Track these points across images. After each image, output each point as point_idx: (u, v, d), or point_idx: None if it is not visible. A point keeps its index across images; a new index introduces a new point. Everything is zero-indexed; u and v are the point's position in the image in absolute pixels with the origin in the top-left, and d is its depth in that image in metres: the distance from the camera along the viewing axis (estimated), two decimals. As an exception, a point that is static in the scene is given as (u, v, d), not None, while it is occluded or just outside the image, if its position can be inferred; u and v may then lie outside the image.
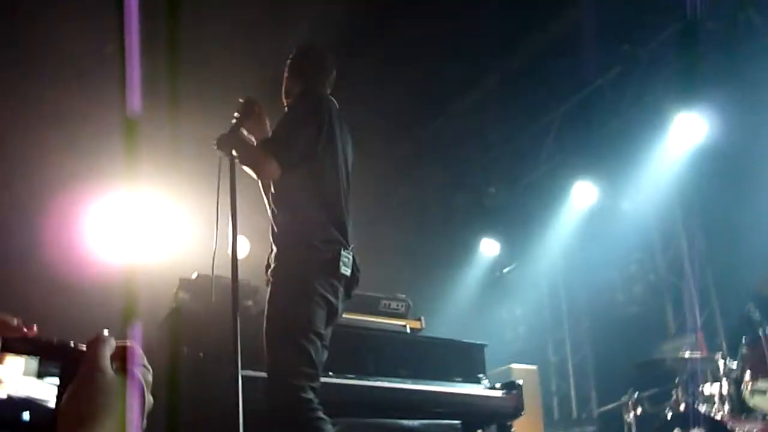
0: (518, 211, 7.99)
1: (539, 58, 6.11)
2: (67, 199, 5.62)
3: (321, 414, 2.82)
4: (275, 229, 3.17)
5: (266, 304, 3.01)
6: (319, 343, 2.94)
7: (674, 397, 4.75)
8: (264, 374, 2.91)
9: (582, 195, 7.53)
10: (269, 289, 3.04)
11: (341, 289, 3.11)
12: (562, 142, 7.27)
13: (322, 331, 2.99)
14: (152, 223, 5.80)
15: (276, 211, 3.20)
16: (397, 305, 4.46)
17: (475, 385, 4.31)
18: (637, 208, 7.30)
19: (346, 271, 3.09)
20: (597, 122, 6.79)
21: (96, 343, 0.83)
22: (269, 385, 2.85)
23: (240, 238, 3.16)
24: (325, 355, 3.08)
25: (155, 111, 4.89)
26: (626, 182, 7.15)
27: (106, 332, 0.86)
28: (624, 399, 5.38)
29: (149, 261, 5.36)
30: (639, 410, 5.26)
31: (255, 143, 3.20)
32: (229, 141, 3.08)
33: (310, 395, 2.82)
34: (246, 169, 3.10)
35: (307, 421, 2.77)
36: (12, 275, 5.20)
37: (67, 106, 5.52)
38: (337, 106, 3.38)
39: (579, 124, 6.97)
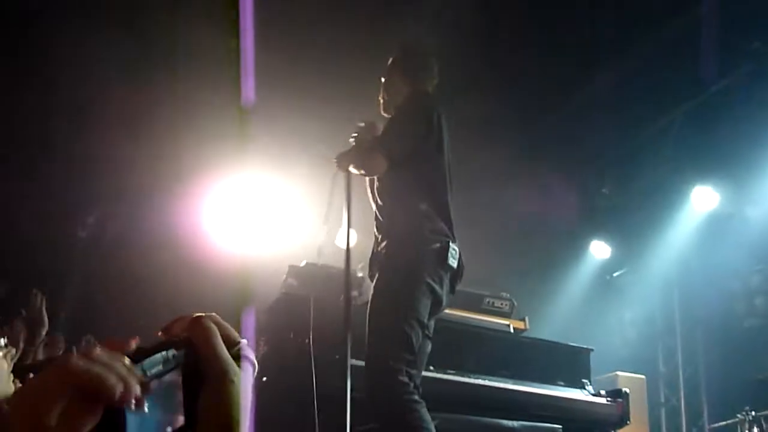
0: (632, 214, 7.72)
1: (659, 55, 5.86)
2: (187, 186, 5.91)
3: (417, 397, 2.85)
4: (382, 220, 3.23)
5: (373, 289, 3.07)
6: (420, 332, 2.98)
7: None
8: (364, 363, 2.97)
9: (702, 200, 7.18)
10: (377, 276, 3.11)
11: (447, 281, 3.14)
12: (683, 143, 6.95)
13: (426, 320, 3.02)
14: (265, 210, 5.99)
15: (384, 204, 3.25)
16: (502, 304, 4.41)
17: (578, 391, 4.21)
18: (762, 216, 6.89)
19: (453, 263, 3.12)
20: (722, 124, 6.44)
21: (207, 335, 0.75)
22: (368, 368, 2.91)
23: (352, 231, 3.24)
24: (429, 345, 3.11)
25: (271, 101, 5.05)
26: (751, 188, 6.76)
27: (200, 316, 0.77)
28: (739, 417, 5.10)
29: (261, 247, 5.55)
30: (755, 430, 4.98)
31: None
32: (347, 160, 3.19)
33: (407, 379, 2.85)
34: (353, 170, 3.20)
35: (404, 404, 2.81)
36: (133, 259, 5.53)
37: (190, 97, 5.78)
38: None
39: (701, 125, 6.64)
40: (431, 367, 3.72)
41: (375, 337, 2.94)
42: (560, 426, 4.13)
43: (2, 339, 1.88)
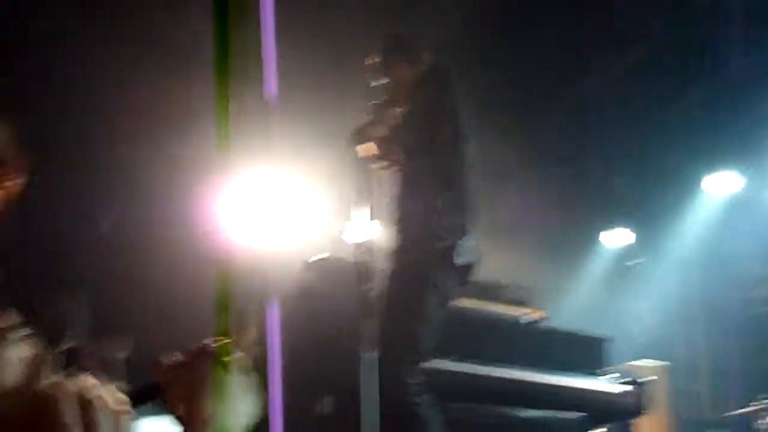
0: (649, 200, 7.66)
1: (678, 35, 5.80)
2: (206, 185, 5.92)
3: (427, 398, 2.84)
4: (393, 216, 3.21)
5: (382, 287, 3.05)
6: (430, 330, 2.96)
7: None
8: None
9: (720, 184, 7.10)
10: (387, 273, 3.09)
11: (457, 277, 3.11)
12: (700, 127, 6.87)
13: (433, 318, 3.00)
14: (282, 204, 6.00)
15: (396, 199, 3.23)
16: (519, 293, 4.39)
17: (598, 380, 4.19)
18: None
19: (465, 260, 3.08)
20: (740, 107, 6.37)
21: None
22: (379, 367, 2.89)
23: (366, 223, 3.22)
24: (433, 342, 3.09)
25: (291, 95, 5.05)
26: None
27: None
28: (757, 405, 5.05)
29: (278, 242, 5.57)
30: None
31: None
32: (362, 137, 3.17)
33: (417, 379, 2.84)
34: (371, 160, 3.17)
35: (413, 404, 2.80)
36: (152, 258, 5.55)
37: (207, 95, 5.79)
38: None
39: (719, 108, 6.56)
40: (449, 358, 3.71)
41: (383, 336, 2.92)
42: (580, 415, 4.11)
43: (24, 331, 1.88)
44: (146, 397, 0.79)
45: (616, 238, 8.30)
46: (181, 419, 0.76)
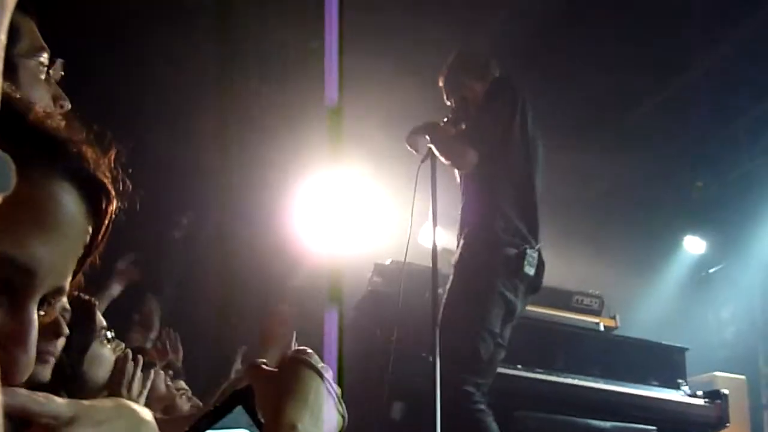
0: (728, 207, 7.39)
1: (757, 38, 5.58)
2: (273, 186, 6.05)
3: (482, 407, 2.81)
4: (462, 221, 3.19)
5: (445, 295, 3.03)
6: (491, 342, 2.92)
7: None
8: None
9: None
10: (450, 280, 3.06)
11: (522, 288, 3.06)
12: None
13: (497, 330, 2.95)
14: (353, 208, 6.07)
15: (464, 201, 3.22)
16: (591, 301, 4.32)
17: (673, 391, 4.08)
18: None
19: (530, 270, 3.02)
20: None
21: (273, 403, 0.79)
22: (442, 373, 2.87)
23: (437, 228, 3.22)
24: (503, 353, 3.06)
25: (357, 100, 5.12)
26: None
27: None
28: None
29: (349, 246, 5.63)
30: None
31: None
32: (427, 129, 3.16)
33: (473, 389, 2.82)
34: (443, 159, 3.16)
35: (468, 413, 2.78)
36: (225, 262, 5.71)
37: (273, 98, 5.93)
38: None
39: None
40: (519, 366, 3.68)
41: (443, 344, 2.91)
42: (654, 427, 4.00)
43: (110, 332, 1.97)
44: (239, 399, 0.78)
45: (695, 245, 8.05)
46: (263, 426, 0.77)
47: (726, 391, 4.10)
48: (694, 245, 8.06)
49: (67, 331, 1.56)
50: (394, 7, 5.16)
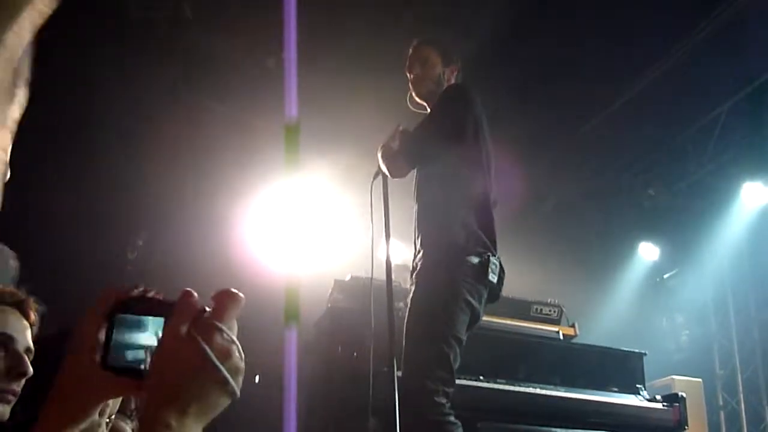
0: (680, 214, 7.57)
1: (702, 51, 5.73)
2: (229, 204, 6.00)
3: (452, 419, 2.80)
4: (421, 231, 3.16)
5: (409, 305, 3.01)
6: (458, 349, 2.91)
7: None
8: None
9: (752, 196, 7.00)
10: (413, 291, 3.04)
11: (485, 295, 3.06)
12: (729, 140, 6.79)
13: (463, 337, 2.95)
14: (310, 225, 6.05)
15: (420, 210, 3.18)
16: (550, 311, 4.36)
17: (632, 396, 4.13)
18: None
19: (494, 278, 3.02)
20: (768, 118, 6.28)
21: (183, 301, 0.79)
22: (404, 386, 2.85)
23: (394, 242, 3.21)
24: (458, 361, 3.05)
25: (316, 117, 5.12)
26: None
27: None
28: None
29: (306, 262, 5.60)
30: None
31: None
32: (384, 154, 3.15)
33: (443, 400, 2.80)
34: (383, 167, 3.14)
35: (438, 425, 2.75)
36: (181, 277, 5.62)
37: (230, 116, 5.89)
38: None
39: (748, 120, 6.47)
40: (481, 377, 3.69)
41: (411, 355, 2.88)
42: (614, 433, 4.05)
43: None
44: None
45: (649, 252, 8.21)
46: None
47: (683, 394, 4.17)
48: (648, 252, 8.22)
49: (30, 370, 1.56)
50: (354, 23, 5.19)
